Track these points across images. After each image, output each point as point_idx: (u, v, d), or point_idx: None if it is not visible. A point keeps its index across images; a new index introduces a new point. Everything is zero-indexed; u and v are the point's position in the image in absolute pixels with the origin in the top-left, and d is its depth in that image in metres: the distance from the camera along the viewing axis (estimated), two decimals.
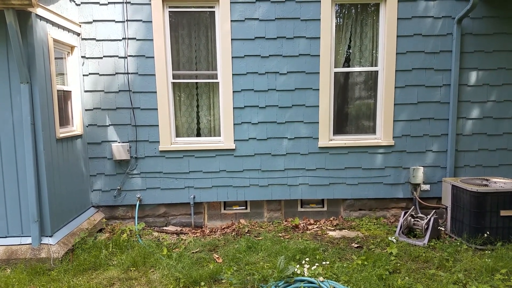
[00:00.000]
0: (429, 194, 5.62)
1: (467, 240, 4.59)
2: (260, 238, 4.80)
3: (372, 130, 5.64)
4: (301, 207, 5.75)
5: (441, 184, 5.21)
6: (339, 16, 5.50)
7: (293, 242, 4.67)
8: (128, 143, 5.44)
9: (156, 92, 5.37)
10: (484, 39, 5.34)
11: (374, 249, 4.44)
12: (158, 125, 5.42)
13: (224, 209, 5.73)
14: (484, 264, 3.91)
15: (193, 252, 4.45)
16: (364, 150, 5.54)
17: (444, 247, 4.47)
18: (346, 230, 5.17)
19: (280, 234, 5.03)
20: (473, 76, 5.42)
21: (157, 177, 5.52)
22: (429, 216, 4.81)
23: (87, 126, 5.43)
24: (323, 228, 5.31)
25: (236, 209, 5.72)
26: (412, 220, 4.96)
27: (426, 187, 5.58)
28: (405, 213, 4.98)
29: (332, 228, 5.27)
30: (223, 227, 5.55)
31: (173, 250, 4.53)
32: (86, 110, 5.40)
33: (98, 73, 5.35)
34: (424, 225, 4.75)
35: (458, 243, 4.59)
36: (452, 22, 5.30)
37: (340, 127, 5.66)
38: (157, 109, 5.39)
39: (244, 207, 5.74)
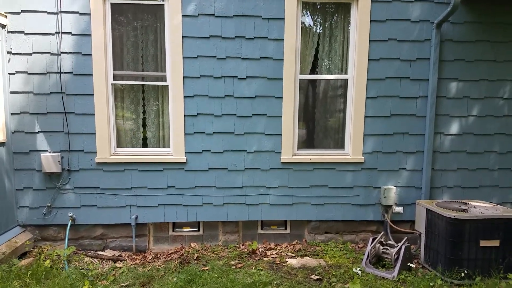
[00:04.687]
0: (402, 217, 5.05)
1: (442, 273, 4.03)
2: (206, 268, 4.12)
3: (341, 145, 5.05)
4: (261, 229, 5.10)
5: (415, 206, 4.66)
6: (306, 16, 4.90)
7: (243, 273, 4.01)
8: (59, 153, 4.68)
9: (93, 94, 4.63)
10: (465, 47, 4.83)
11: (335, 284, 3.83)
12: (95, 133, 4.68)
13: (173, 231, 5.02)
14: None
15: (121, 286, 3.72)
16: (331, 167, 4.94)
17: (415, 282, 3.89)
18: (308, 258, 4.54)
19: (233, 262, 4.36)
20: (452, 87, 4.89)
21: (93, 193, 4.77)
22: (399, 245, 4.23)
23: (12, 133, 4.65)
24: (283, 254, 4.67)
25: (187, 231, 5.03)
26: (381, 248, 4.37)
27: (399, 209, 5.02)
28: (373, 240, 4.39)
29: (293, 255, 4.63)
30: (170, 252, 4.85)
31: (100, 282, 3.80)
32: (12, 114, 4.61)
33: (26, 72, 4.58)
34: (394, 254, 4.16)
35: (432, 276, 4.03)
36: (431, 26, 4.77)
37: (305, 141, 5.05)
38: (94, 114, 4.65)
39: (196, 229, 5.05)
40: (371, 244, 4.32)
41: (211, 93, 4.72)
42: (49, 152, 4.68)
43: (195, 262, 4.40)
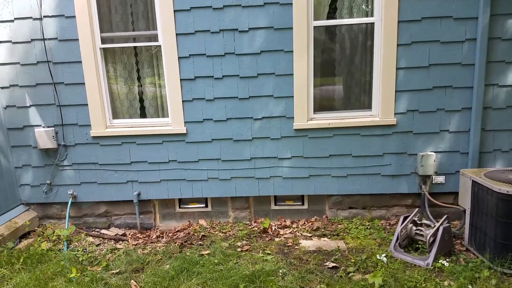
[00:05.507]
0: (444, 189, 4.23)
1: (490, 261, 3.26)
2: (207, 252, 3.66)
3: (367, 105, 4.23)
4: (275, 204, 4.53)
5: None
6: None
7: (248, 258, 3.50)
8: (53, 128, 4.34)
9: (81, 61, 4.16)
10: None
11: (352, 275, 3.20)
12: (87, 104, 4.26)
13: (180, 207, 4.61)
14: None
15: (112, 273, 3.38)
16: (355, 132, 4.17)
17: (455, 271, 3.17)
18: (325, 239, 3.93)
19: (239, 243, 3.87)
20: (510, 26, 3.82)
21: (92, 169, 4.43)
22: (437, 225, 3.47)
23: (5, 108, 4.36)
24: (297, 234, 4.09)
25: (194, 208, 4.59)
26: (414, 228, 3.63)
27: (440, 179, 4.19)
28: (404, 219, 3.66)
29: (309, 235, 4.04)
30: (176, 229, 4.46)
31: (90, 269, 3.48)
32: (2, 88, 4.31)
33: (10, 41, 4.19)
34: (429, 237, 3.42)
35: (477, 264, 3.27)
36: None
37: (323, 102, 4.29)
38: (84, 83, 4.21)
39: (204, 205, 4.59)
40: (401, 224, 3.60)
41: (209, 52, 4.06)
42: (43, 127, 4.36)
43: (199, 242, 3.97)
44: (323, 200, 4.45)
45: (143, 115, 4.45)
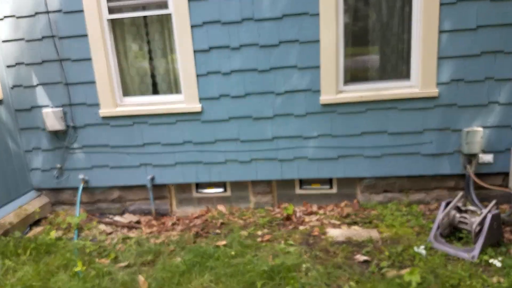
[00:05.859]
0: (492, 169, 3.71)
1: None
2: (223, 242, 3.30)
3: (405, 75, 3.74)
4: (300, 188, 4.13)
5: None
6: None
7: (268, 249, 3.13)
8: (61, 108, 4.06)
9: (87, 35, 3.84)
10: None
11: (386, 271, 2.77)
12: (95, 82, 3.95)
13: (197, 192, 4.28)
14: None
15: (120, 267, 3.08)
16: (391, 106, 3.69)
17: (506, 265, 2.69)
18: (356, 227, 3.50)
19: (260, 232, 3.51)
20: None
21: (103, 152, 4.14)
22: (484, 211, 2.98)
23: (11, 88, 4.11)
24: (325, 221, 3.69)
25: (212, 192, 4.25)
26: (458, 215, 3.15)
27: (488, 158, 3.68)
28: (446, 204, 3.18)
29: (338, 222, 3.63)
30: (194, 216, 4.15)
31: (98, 261, 3.20)
32: (7, 66, 4.05)
33: (14, 15, 3.91)
34: (475, 226, 2.93)
35: None
36: None
37: (354, 72, 3.81)
38: (91, 59, 3.89)
39: (222, 189, 4.24)
40: (443, 211, 3.13)
41: (224, 18, 3.65)
42: (51, 108, 4.09)
43: (217, 231, 3.63)
44: (354, 183, 4.02)
45: (155, 92, 4.12)
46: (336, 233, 3.39)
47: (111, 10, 3.84)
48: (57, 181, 4.29)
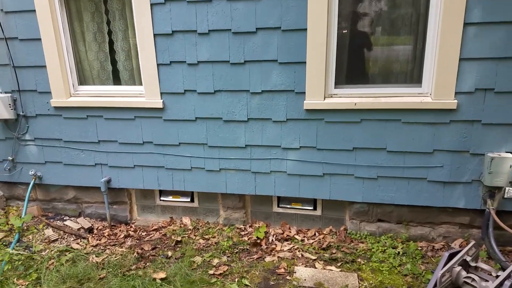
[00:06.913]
0: None
1: None
2: (163, 276, 2.69)
3: (414, 79, 2.92)
4: (279, 206, 3.45)
5: None
6: None
7: None
8: (10, 94, 3.54)
9: (35, 10, 3.25)
10: None
11: None
12: (45, 66, 3.38)
13: (160, 200, 3.70)
14: None
15: None
16: (394, 117, 2.90)
17: None
18: (334, 267, 2.80)
19: (216, 261, 2.89)
20: None
21: (56, 147, 3.62)
22: (501, 275, 2.20)
23: None
24: (298, 253, 3.00)
25: (176, 201, 3.65)
26: (463, 274, 2.38)
27: None
28: (450, 257, 2.41)
29: (314, 257, 2.93)
30: (153, 227, 3.59)
31: (15, 282, 2.69)
32: None
33: None
34: None
35: None
36: None
37: (347, 73, 3.02)
38: (41, 39, 3.31)
39: (189, 199, 3.63)
40: (442, 266, 2.35)
41: None
42: (0, 93, 3.57)
43: (168, 253, 3.04)
44: (342, 207, 3.29)
45: (116, 81, 3.50)
46: (305, 274, 2.71)
47: None
48: (9, 174, 3.83)
